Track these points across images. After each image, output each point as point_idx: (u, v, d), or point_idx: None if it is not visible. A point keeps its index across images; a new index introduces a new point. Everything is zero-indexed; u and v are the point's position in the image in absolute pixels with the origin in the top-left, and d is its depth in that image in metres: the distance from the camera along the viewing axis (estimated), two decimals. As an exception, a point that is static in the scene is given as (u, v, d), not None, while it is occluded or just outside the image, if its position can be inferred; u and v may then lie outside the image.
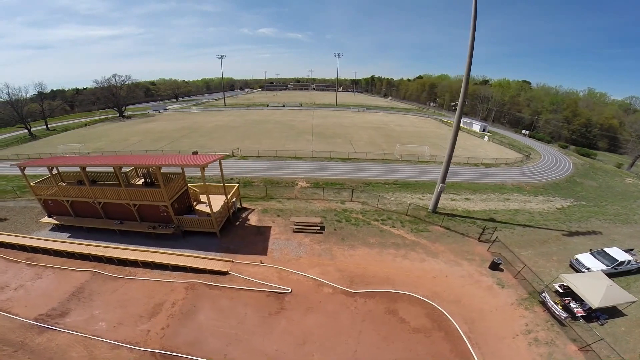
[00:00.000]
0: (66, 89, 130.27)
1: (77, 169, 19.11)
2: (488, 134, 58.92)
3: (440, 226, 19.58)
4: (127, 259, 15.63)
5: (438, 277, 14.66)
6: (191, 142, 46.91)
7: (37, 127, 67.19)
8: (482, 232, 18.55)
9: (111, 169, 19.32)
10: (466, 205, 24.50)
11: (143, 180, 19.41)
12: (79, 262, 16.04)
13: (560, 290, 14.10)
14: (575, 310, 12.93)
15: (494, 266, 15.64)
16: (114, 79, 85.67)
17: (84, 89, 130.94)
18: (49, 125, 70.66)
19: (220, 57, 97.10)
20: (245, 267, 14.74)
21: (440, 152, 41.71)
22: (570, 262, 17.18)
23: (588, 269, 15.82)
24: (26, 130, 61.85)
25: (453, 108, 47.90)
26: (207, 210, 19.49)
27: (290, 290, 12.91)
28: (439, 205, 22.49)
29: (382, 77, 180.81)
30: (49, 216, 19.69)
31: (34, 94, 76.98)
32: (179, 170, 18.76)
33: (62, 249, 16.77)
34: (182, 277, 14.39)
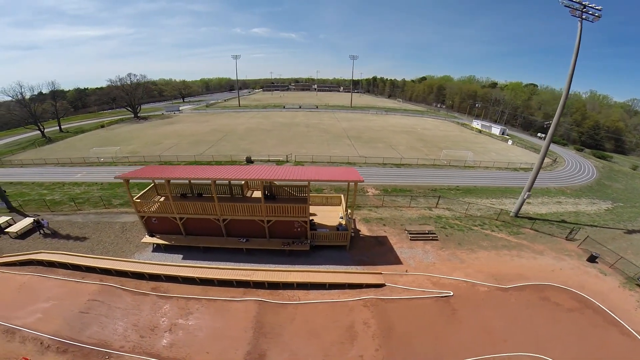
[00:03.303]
0: (66, 90, 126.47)
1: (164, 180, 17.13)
2: (507, 137, 62.34)
3: (530, 229, 21.96)
4: (280, 281, 14.73)
5: (555, 271, 17.08)
6: (232, 146, 46.95)
7: (49, 129, 64.16)
8: (570, 232, 21.13)
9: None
10: (532, 209, 27.02)
11: (261, 193, 20.16)
12: (220, 289, 14.61)
13: None
14: None
15: (592, 259, 18.30)
16: (128, 78, 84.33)
17: (86, 89, 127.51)
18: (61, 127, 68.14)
19: (235, 57, 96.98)
20: (393, 277, 15.73)
21: (479, 157, 44.34)
22: (644, 253, 20.07)
23: None
24: (37, 132, 59.37)
25: (546, 126, 51.09)
26: (322, 222, 19.56)
27: (452, 294, 14.54)
28: (509, 209, 25.01)
29: (385, 77, 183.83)
30: (151, 235, 18.36)
31: (33, 95, 74.66)
32: (300, 182, 18.41)
33: (196, 275, 14.98)
34: (346, 294, 14.40)
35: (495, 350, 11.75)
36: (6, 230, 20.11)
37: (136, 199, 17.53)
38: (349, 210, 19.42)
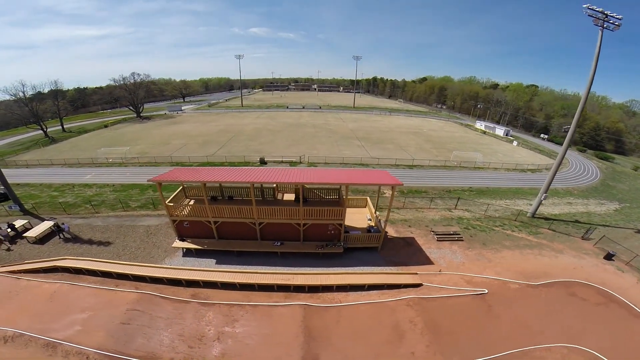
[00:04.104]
0: (66, 89, 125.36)
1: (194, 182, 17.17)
2: (512, 137, 63.42)
3: (548, 229, 22.67)
4: (321, 284, 14.65)
5: (577, 268, 17.75)
6: (243, 147, 46.90)
7: (51, 128, 63.30)
8: (586, 232, 21.90)
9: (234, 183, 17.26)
10: (546, 210, 27.72)
11: (298, 195, 18.47)
12: (262, 294, 14.44)
13: None
14: None
15: (608, 257, 19.01)
16: (132, 78, 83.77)
17: (85, 88, 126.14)
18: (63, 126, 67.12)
19: (239, 56, 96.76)
20: (428, 277, 16.05)
21: (487, 158, 45.04)
22: (656, 251, 20.90)
23: None
24: (39, 132, 58.51)
25: (564, 131, 52.22)
26: (349, 224, 19.32)
27: (486, 291, 15.05)
28: (524, 210, 25.72)
29: (385, 78, 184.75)
30: (181, 239, 17.92)
31: (32, 94, 73.70)
32: (336, 185, 18.70)
33: (237, 281, 14.78)
34: (386, 295, 14.56)
35: (534, 342, 12.35)
36: (24, 234, 19.32)
37: (168, 202, 17.13)
38: (377, 213, 19.90)
